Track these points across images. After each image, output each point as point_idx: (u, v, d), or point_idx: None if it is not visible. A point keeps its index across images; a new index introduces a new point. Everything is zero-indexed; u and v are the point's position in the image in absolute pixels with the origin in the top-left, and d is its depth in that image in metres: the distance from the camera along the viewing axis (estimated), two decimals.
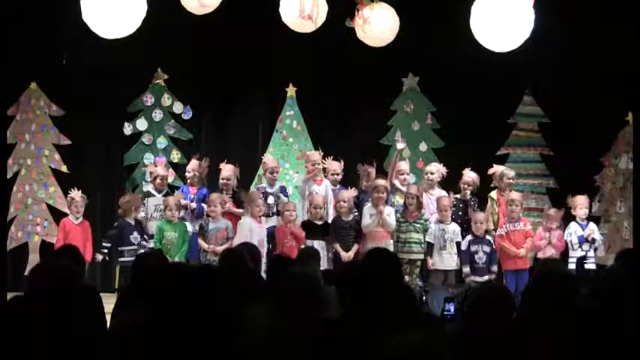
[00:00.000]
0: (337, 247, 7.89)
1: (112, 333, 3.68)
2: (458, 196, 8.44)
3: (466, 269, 7.97)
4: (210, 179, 8.77)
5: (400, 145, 8.72)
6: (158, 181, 8.48)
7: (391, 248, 7.99)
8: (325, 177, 8.47)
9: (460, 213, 8.31)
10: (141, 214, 8.19)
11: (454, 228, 8.07)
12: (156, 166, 9.13)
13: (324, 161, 8.52)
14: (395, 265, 3.95)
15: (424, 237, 8.02)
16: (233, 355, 2.98)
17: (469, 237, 8.06)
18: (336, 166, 8.46)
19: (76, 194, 8.27)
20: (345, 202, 7.96)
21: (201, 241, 7.90)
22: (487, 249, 8.03)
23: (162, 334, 2.97)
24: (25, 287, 3.90)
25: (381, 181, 8.13)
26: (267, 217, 8.14)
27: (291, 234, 7.84)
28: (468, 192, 8.47)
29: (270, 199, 8.28)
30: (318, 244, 7.78)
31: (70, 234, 8.05)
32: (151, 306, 3.13)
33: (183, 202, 8.20)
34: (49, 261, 4.37)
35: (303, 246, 7.59)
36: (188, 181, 8.54)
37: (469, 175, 8.54)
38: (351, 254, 7.85)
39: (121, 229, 8.01)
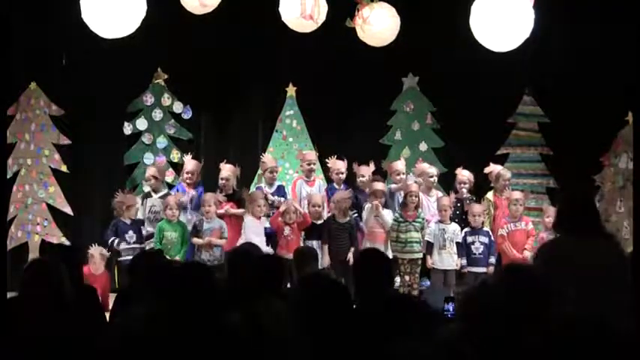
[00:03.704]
0: (325, 249, 7.85)
1: (112, 333, 3.68)
2: (458, 196, 8.46)
3: (463, 261, 7.98)
4: (209, 179, 8.76)
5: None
6: (151, 181, 8.53)
7: (389, 250, 7.99)
8: (330, 176, 8.51)
9: (458, 212, 8.32)
10: (139, 214, 8.22)
11: (454, 228, 8.07)
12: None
13: (327, 160, 8.53)
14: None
15: (422, 235, 8.02)
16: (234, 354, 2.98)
17: (466, 229, 8.08)
18: (340, 165, 8.48)
19: (95, 251, 7.84)
20: (335, 203, 7.95)
21: (195, 239, 7.90)
22: (485, 240, 8.04)
23: (162, 333, 2.97)
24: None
25: (379, 185, 8.14)
26: (268, 217, 8.15)
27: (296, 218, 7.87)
28: (465, 190, 8.50)
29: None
30: (318, 244, 7.80)
31: (90, 281, 7.35)
32: (151, 305, 3.13)
33: (183, 198, 8.20)
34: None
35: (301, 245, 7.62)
36: (187, 181, 8.52)
37: (463, 174, 8.57)
38: (350, 257, 7.76)
39: (116, 228, 8.01)
